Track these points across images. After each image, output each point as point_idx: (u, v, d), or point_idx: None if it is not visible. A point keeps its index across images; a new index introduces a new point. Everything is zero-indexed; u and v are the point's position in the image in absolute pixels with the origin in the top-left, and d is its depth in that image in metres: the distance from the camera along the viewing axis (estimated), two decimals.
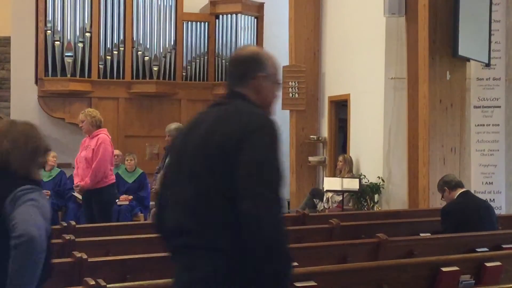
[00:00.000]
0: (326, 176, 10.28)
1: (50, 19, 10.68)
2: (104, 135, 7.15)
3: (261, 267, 2.09)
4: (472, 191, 6.59)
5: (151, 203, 9.28)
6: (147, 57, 11.13)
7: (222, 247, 2.14)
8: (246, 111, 2.31)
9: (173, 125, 7.83)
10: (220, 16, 11.66)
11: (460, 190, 5.88)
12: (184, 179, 2.27)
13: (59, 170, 9.74)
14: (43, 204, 2.52)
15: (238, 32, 11.54)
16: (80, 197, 9.56)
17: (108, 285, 3.35)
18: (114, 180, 7.48)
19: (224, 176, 2.17)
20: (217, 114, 2.34)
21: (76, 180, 7.25)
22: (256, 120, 2.26)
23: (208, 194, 2.19)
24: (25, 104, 11.14)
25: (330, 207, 9.39)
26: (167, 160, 7.63)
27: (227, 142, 2.19)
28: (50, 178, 9.49)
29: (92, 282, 3.35)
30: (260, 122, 2.27)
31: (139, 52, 11.12)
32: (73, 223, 5.38)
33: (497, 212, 6.85)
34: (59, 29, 10.69)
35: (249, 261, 2.10)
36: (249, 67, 2.45)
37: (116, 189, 9.75)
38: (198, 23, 11.63)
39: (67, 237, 4.57)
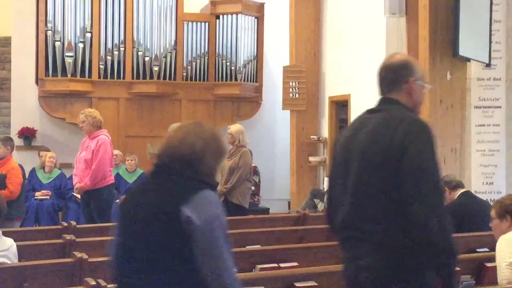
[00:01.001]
0: (326, 176, 10.27)
1: (50, 19, 10.69)
2: (104, 136, 7.15)
3: (430, 261, 2.45)
4: (473, 191, 6.59)
5: None
6: (148, 57, 11.13)
7: (386, 241, 2.45)
8: (405, 118, 2.59)
9: (176, 126, 7.82)
10: (221, 16, 11.66)
11: (461, 190, 5.89)
12: (352, 181, 2.56)
13: (60, 171, 9.74)
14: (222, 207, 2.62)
15: (239, 32, 11.54)
16: (79, 197, 9.59)
17: (108, 285, 3.36)
18: (113, 181, 7.48)
19: (388, 180, 2.44)
20: (377, 121, 2.62)
21: (75, 180, 7.25)
22: (416, 127, 2.56)
23: (373, 195, 2.48)
24: (25, 104, 11.15)
25: None
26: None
27: (390, 148, 2.46)
28: (50, 179, 9.50)
29: (93, 282, 3.36)
30: (420, 128, 2.57)
31: (139, 52, 11.12)
32: (73, 223, 5.38)
33: None
34: (59, 29, 10.69)
35: (415, 256, 2.43)
36: (401, 73, 2.74)
37: (116, 189, 9.83)
38: (199, 23, 11.63)
39: (68, 237, 4.58)
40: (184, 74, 11.50)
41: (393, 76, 2.75)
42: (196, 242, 2.34)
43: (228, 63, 11.54)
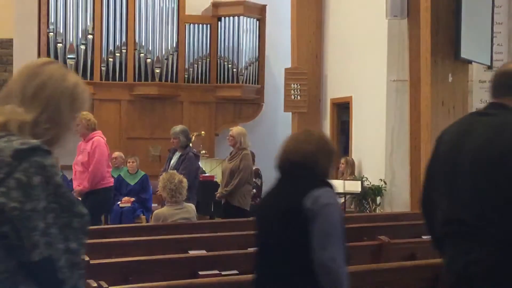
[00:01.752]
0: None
1: (52, 21, 10.71)
2: (98, 137, 7.09)
3: None
4: None
5: (153, 205, 9.29)
6: (149, 59, 11.14)
7: (496, 238, 2.51)
8: None
9: (178, 128, 7.84)
10: (222, 18, 11.67)
11: None
12: (461, 180, 2.62)
13: (61, 173, 9.72)
14: (339, 205, 2.89)
15: (240, 34, 11.56)
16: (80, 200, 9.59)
17: (110, 287, 3.36)
18: (112, 184, 7.37)
19: (502, 184, 2.51)
20: (490, 124, 2.66)
21: (75, 184, 7.21)
22: None
23: (485, 196, 2.54)
24: None
25: None
26: (172, 162, 7.57)
27: (506, 154, 2.53)
28: None
29: (94, 284, 3.36)
30: None
31: (141, 54, 11.13)
32: None
33: None
34: (61, 31, 10.71)
35: None
36: None
37: (117, 191, 9.81)
38: (200, 25, 11.65)
39: None
40: (186, 76, 11.51)
41: (510, 82, 2.77)
42: (313, 232, 2.66)
43: (229, 65, 11.55)
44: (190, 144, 8.22)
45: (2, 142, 1.76)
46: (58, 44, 10.68)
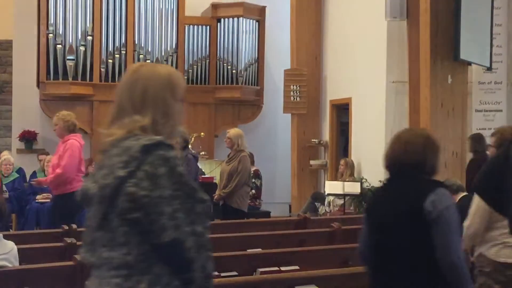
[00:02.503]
0: (327, 180, 10.27)
1: (52, 22, 10.71)
2: (73, 140, 6.70)
3: None
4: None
5: None
6: (149, 61, 11.14)
7: None
8: None
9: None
10: (222, 19, 11.67)
11: (462, 194, 5.87)
12: None
13: None
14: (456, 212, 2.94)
15: (240, 35, 11.56)
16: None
17: None
18: None
19: None
20: None
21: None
22: None
23: None
24: (27, 107, 11.16)
25: (332, 211, 9.39)
26: None
27: None
28: None
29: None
30: None
31: (140, 56, 11.13)
32: (74, 226, 5.37)
33: None
34: (61, 33, 10.71)
35: None
36: None
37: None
38: (200, 26, 11.65)
39: (69, 240, 4.58)
40: (185, 77, 11.50)
41: None
42: (436, 233, 2.79)
43: (229, 67, 11.55)
44: (189, 146, 8.20)
45: (131, 141, 2.01)
46: (58, 46, 10.67)
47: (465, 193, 5.91)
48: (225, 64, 11.58)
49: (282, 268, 4.40)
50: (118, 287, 1.97)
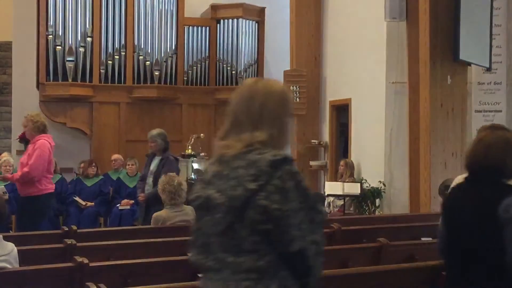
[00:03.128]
0: (327, 181, 10.26)
1: (51, 23, 10.71)
2: (43, 140, 6.61)
3: None
4: None
5: None
6: (148, 62, 11.15)
7: None
8: None
9: (155, 131, 7.60)
10: (221, 20, 11.68)
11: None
12: None
13: (60, 176, 9.73)
14: None
15: (239, 36, 11.57)
16: (82, 202, 9.57)
17: None
18: (53, 190, 6.84)
19: None
20: None
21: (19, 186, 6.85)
22: None
23: None
24: (26, 109, 11.07)
25: (331, 212, 9.38)
26: (151, 167, 7.43)
27: None
28: None
29: (94, 287, 3.35)
30: None
31: (140, 57, 11.13)
32: (74, 227, 5.37)
33: None
34: (60, 34, 10.71)
35: None
36: None
37: (117, 194, 9.79)
38: (199, 27, 11.66)
39: (68, 241, 4.57)
40: (185, 78, 11.51)
41: None
42: (506, 237, 2.89)
43: (228, 68, 11.55)
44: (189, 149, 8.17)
45: (255, 155, 2.11)
46: (57, 47, 10.67)
47: None
48: (224, 65, 11.58)
49: None
50: None
